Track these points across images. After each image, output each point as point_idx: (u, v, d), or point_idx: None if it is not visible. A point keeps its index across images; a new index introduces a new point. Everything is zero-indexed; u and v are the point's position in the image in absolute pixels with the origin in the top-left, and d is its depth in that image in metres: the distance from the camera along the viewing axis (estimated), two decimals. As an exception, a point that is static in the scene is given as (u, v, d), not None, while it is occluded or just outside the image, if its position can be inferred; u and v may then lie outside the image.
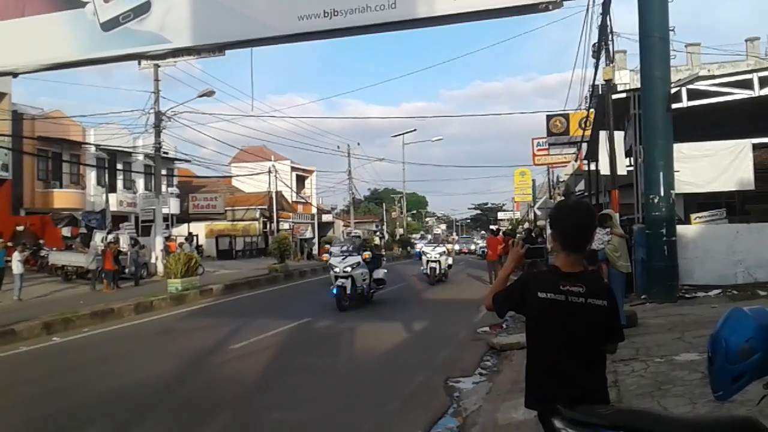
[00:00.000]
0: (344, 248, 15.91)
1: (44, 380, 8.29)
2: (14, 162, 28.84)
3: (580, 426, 2.70)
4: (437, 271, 20.91)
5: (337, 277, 14.51)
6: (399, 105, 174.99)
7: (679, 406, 5.03)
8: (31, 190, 30.96)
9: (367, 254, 15.63)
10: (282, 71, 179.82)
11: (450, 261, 22.49)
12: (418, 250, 30.56)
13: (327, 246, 28.22)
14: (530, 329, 2.92)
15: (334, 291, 14.33)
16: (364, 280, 15.10)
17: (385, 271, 16.46)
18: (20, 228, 27.09)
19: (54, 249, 24.19)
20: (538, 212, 37.06)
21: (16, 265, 16.84)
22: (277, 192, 43.09)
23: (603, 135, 14.93)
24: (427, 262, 21.11)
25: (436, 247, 21.73)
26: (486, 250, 26.27)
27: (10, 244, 21.51)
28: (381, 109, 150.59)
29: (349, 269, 14.54)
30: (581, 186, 26.67)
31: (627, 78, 26.77)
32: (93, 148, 33.76)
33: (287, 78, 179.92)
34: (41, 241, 26.12)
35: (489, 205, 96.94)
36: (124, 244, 21.87)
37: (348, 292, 14.36)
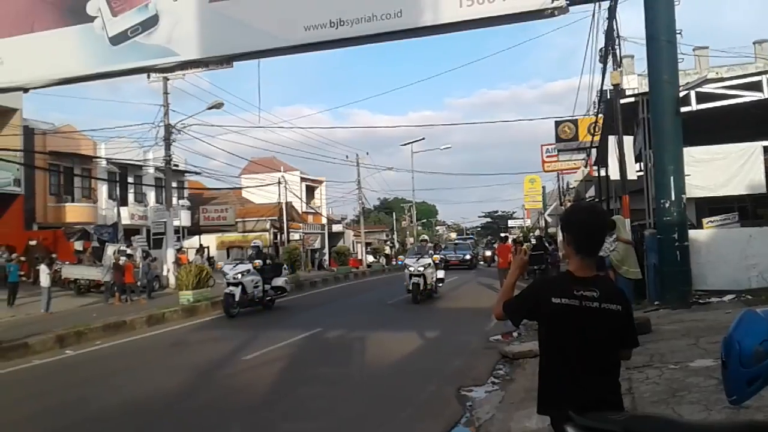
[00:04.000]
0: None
1: (57, 393, 8.31)
2: (26, 177, 29.03)
3: (593, 433, 2.66)
4: None
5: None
6: (406, 114, 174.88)
7: (695, 413, 4.97)
8: (43, 205, 31.17)
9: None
10: (289, 82, 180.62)
11: None
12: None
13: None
14: (543, 335, 2.88)
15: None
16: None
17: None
18: (33, 242, 27.27)
19: (66, 263, 24.30)
20: (549, 219, 37.00)
21: (45, 279, 16.91)
22: (287, 203, 43.17)
23: (612, 140, 14.86)
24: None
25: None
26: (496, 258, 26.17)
27: (23, 258, 21.69)
28: (388, 119, 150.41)
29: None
30: (592, 192, 26.56)
31: (635, 82, 26.74)
32: (104, 162, 33.99)
33: (294, 89, 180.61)
34: (54, 255, 26.29)
35: (499, 213, 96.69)
36: (136, 257, 21.97)
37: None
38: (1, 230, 28.49)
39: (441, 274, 18.92)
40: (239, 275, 15.86)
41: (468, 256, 38.99)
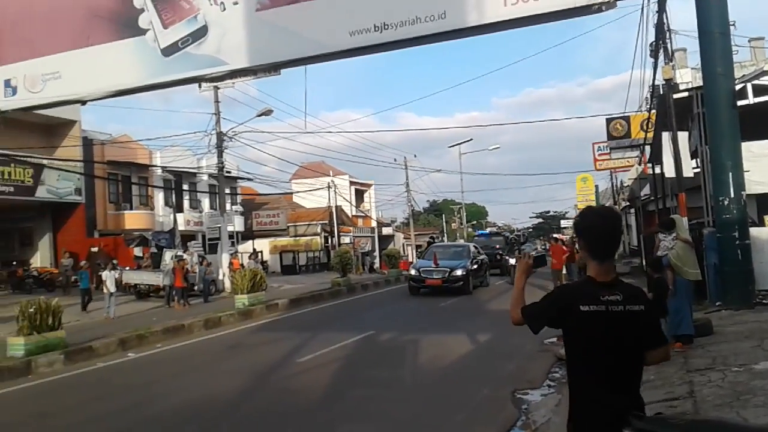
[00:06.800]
0: None
1: (120, 395, 8.59)
2: (86, 186, 30.06)
3: (653, 438, 2.63)
4: None
5: None
6: (452, 115, 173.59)
7: (760, 417, 4.82)
8: (103, 213, 32.22)
9: None
10: (335, 87, 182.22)
11: None
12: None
13: None
14: (571, 344, 2.82)
15: None
16: None
17: None
18: (95, 249, 28.21)
19: (127, 268, 25.05)
20: (603, 218, 36.18)
21: (110, 284, 17.37)
22: (337, 207, 43.55)
23: (666, 136, 14.51)
24: None
25: None
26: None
27: (82, 263, 22.44)
28: (435, 120, 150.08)
29: None
30: (647, 190, 25.95)
31: (689, 76, 26.03)
32: (160, 170, 34.94)
33: (340, 94, 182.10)
34: (115, 261, 27.14)
35: (551, 213, 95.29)
36: (188, 260, 22.41)
37: None
38: (65, 237, 29.69)
39: None
40: None
41: (459, 272, 21.36)
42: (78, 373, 10.23)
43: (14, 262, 28.67)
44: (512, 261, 26.09)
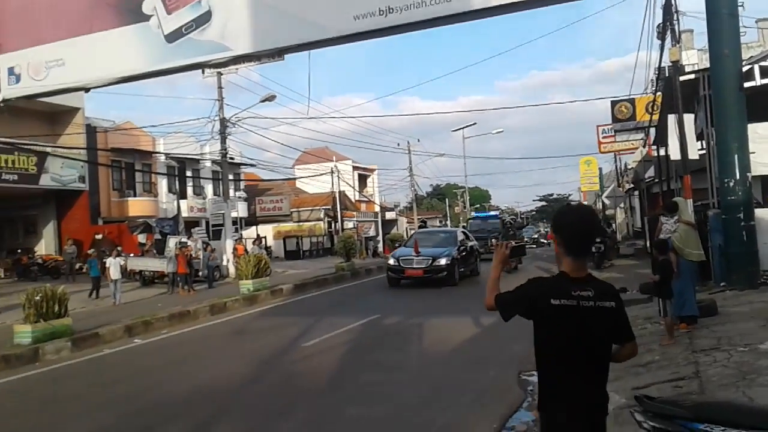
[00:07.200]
0: None
1: (127, 381, 8.66)
2: (90, 173, 30.04)
3: (661, 419, 2.65)
4: None
5: None
6: (456, 99, 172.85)
7: (767, 397, 4.84)
8: (107, 200, 32.23)
9: None
10: (338, 72, 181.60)
11: None
12: None
13: None
14: (542, 336, 2.84)
15: None
16: None
17: None
18: (99, 236, 28.27)
19: (131, 255, 25.10)
20: (607, 201, 36.15)
21: (115, 271, 17.45)
22: (340, 192, 43.55)
23: (672, 119, 14.45)
24: None
25: None
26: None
27: (91, 251, 22.56)
28: (439, 105, 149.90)
29: None
30: (651, 172, 25.88)
31: (695, 58, 25.85)
32: (163, 157, 34.94)
33: (344, 78, 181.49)
34: (119, 248, 27.19)
35: (555, 196, 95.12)
36: (191, 246, 22.42)
37: None
38: (69, 225, 29.78)
39: None
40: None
41: (443, 261, 19.19)
42: (85, 360, 10.30)
43: (19, 250, 28.82)
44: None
